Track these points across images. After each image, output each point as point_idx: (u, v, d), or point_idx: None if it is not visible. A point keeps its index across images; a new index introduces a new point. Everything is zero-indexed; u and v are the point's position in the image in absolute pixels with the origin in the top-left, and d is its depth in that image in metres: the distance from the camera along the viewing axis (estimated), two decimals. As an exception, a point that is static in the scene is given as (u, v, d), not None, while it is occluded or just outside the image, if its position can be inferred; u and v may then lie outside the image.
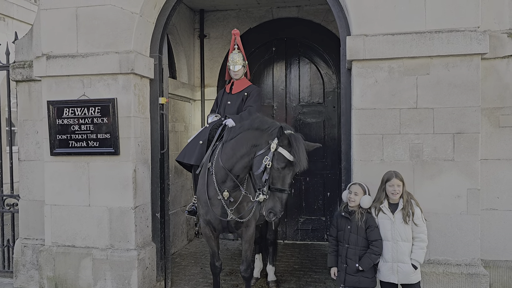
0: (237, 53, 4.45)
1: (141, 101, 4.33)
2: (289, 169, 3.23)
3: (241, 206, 3.72)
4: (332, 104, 6.37)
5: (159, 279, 4.54)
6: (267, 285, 4.66)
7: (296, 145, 3.18)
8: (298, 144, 3.19)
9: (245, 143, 3.50)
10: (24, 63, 4.69)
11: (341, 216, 3.42)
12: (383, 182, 3.34)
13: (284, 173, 3.22)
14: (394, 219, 3.25)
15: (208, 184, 3.77)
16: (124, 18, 4.17)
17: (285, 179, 3.23)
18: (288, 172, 3.23)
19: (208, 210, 3.76)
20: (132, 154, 4.19)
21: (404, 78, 3.66)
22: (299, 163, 3.18)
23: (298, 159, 3.17)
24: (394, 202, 3.29)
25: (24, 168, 4.74)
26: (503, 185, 3.79)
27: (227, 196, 3.66)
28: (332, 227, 3.52)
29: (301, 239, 6.48)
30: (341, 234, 3.40)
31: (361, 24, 3.73)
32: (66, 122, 4.28)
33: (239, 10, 6.66)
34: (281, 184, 3.21)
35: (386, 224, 3.27)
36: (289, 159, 3.19)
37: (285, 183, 3.23)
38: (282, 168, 3.21)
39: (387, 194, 3.31)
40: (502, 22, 3.76)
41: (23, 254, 4.73)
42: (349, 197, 3.38)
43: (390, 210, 3.28)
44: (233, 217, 3.67)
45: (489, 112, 3.78)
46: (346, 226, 3.36)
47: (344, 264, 3.35)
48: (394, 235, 3.23)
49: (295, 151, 3.18)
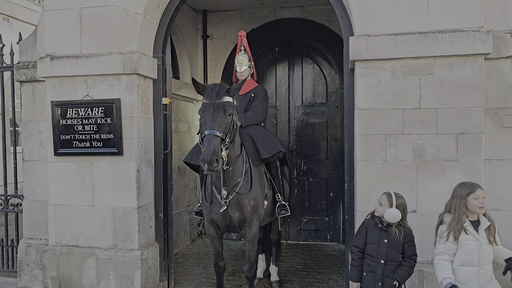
0: (243, 54, 4.47)
1: (144, 102, 4.35)
2: (208, 111, 3.33)
3: (242, 203, 3.71)
4: (335, 104, 6.37)
5: (162, 279, 4.55)
6: (270, 285, 4.67)
7: (208, 88, 3.42)
8: (210, 85, 3.44)
9: None
10: (28, 63, 4.71)
11: (374, 227, 3.06)
12: (462, 197, 2.84)
13: (205, 116, 3.34)
14: (480, 239, 2.79)
15: (206, 184, 3.81)
16: (127, 19, 4.18)
17: (207, 122, 3.31)
18: (208, 114, 3.33)
19: (210, 209, 3.77)
20: (135, 154, 4.21)
21: (407, 78, 3.66)
22: (210, 100, 3.33)
23: (208, 94, 3.36)
24: (474, 219, 2.84)
25: (28, 168, 4.76)
26: (507, 185, 3.77)
27: (226, 195, 3.66)
28: (359, 237, 3.13)
29: (304, 239, 6.48)
30: (374, 248, 3.03)
31: (364, 24, 3.73)
32: (69, 122, 4.30)
33: (242, 10, 6.67)
34: (204, 128, 3.31)
35: (472, 247, 2.78)
36: (204, 101, 3.38)
37: (207, 126, 3.28)
38: (202, 112, 3.37)
39: (469, 209, 2.82)
40: (505, 22, 3.74)
41: (27, 254, 4.75)
42: (375, 207, 3.11)
43: (474, 229, 2.81)
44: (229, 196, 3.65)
45: (493, 112, 3.76)
46: (382, 239, 3.01)
47: (379, 283, 2.98)
48: (482, 259, 2.78)
49: (206, 91, 3.40)
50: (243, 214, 3.73)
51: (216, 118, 3.30)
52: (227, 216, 3.70)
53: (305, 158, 6.46)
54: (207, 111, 3.34)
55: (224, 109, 3.34)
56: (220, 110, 3.33)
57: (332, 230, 6.40)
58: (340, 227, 6.29)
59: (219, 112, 3.33)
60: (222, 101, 3.36)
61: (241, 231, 3.86)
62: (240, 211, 3.71)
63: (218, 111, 3.32)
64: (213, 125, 3.26)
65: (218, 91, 3.37)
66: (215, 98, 3.34)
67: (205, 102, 3.37)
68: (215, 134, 3.23)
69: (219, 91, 3.37)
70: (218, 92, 3.36)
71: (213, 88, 3.39)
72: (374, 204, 3.68)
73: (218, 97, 3.35)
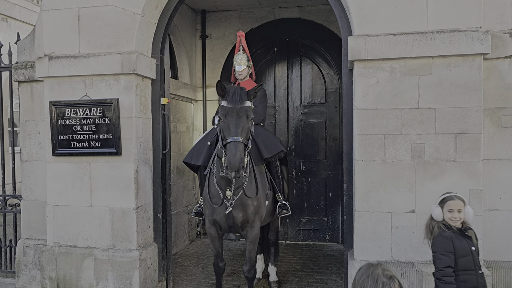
0: (242, 54, 4.47)
1: (143, 102, 4.34)
2: (231, 116, 3.29)
3: (246, 204, 3.71)
4: (334, 104, 6.37)
5: (161, 280, 4.55)
6: (269, 286, 4.67)
7: (229, 90, 3.35)
8: (232, 89, 3.36)
9: None
10: (26, 63, 4.70)
11: (459, 238, 2.76)
12: None
13: (227, 121, 3.29)
14: None
15: (209, 184, 3.79)
16: (126, 19, 4.18)
17: (230, 128, 3.27)
18: (231, 119, 3.29)
19: (213, 210, 3.76)
20: (134, 155, 4.20)
21: (406, 78, 3.65)
22: (232, 104, 3.28)
23: (231, 99, 3.30)
24: None
25: (26, 169, 4.75)
26: (505, 185, 3.77)
27: (230, 195, 3.65)
28: (447, 256, 2.72)
29: (303, 239, 6.48)
30: (467, 260, 2.73)
31: (362, 24, 3.73)
32: (68, 122, 4.29)
33: (241, 10, 6.67)
34: (228, 134, 3.26)
35: None
36: (226, 105, 3.32)
37: (231, 131, 3.25)
38: (224, 117, 3.31)
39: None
40: (504, 22, 3.75)
41: (25, 254, 4.74)
42: (452, 217, 2.79)
43: None
44: (232, 203, 3.64)
45: (491, 112, 3.77)
46: (470, 248, 2.74)
47: None
48: None
49: (228, 95, 3.34)
50: (246, 215, 3.73)
51: (239, 123, 3.27)
52: (231, 217, 3.70)
53: (304, 158, 6.46)
54: (230, 116, 3.29)
55: (246, 114, 3.33)
56: (243, 115, 3.31)
57: (331, 230, 6.40)
58: (339, 227, 6.29)
59: (242, 117, 3.30)
60: (245, 106, 3.33)
61: (242, 231, 3.85)
62: (243, 212, 3.71)
63: (241, 117, 3.30)
64: (237, 131, 3.24)
65: (240, 96, 3.33)
66: (239, 103, 3.30)
67: (228, 106, 3.31)
68: (240, 141, 3.21)
69: (241, 96, 3.34)
70: (240, 96, 3.33)
71: (234, 92, 3.35)
72: (373, 204, 3.71)
73: (241, 101, 3.31)
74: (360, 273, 1.99)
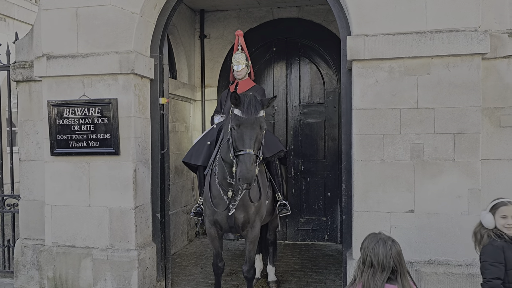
0: (240, 53, 4.46)
1: (141, 101, 4.33)
2: (245, 126, 3.22)
3: (247, 204, 3.71)
4: (332, 104, 6.36)
5: (159, 280, 4.54)
6: (268, 286, 4.66)
7: (243, 100, 3.27)
8: (246, 99, 3.27)
9: (225, 129, 3.57)
10: (24, 63, 4.68)
11: (511, 248, 2.59)
12: None
13: (240, 131, 3.23)
14: None
15: (211, 184, 3.78)
16: (124, 18, 4.17)
17: (244, 139, 3.21)
18: (244, 130, 3.22)
19: (214, 211, 3.75)
20: (132, 154, 4.19)
21: (404, 78, 3.65)
22: (248, 115, 3.21)
23: (246, 110, 3.22)
24: None
25: (25, 168, 4.74)
26: (504, 185, 3.77)
27: (232, 196, 3.65)
28: (497, 267, 2.56)
29: (301, 239, 6.47)
30: None
31: (361, 24, 3.72)
32: (66, 122, 4.28)
33: (240, 10, 6.66)
34: (242, 145, 3.21)
35: None
36: (240, 115, 3.24)
37: (245, 143, 3.19)
38: (237, 126, 3.24)
39: None
40: (502, 22, 3.74)
41: (23, 254, 4.73)
42: (505, 224, 2.63)
43: None
44: (235, 204, 3.64)
45: (490, 112, 3.77)
46: None
47: None
48: None
49: (243, 105, 3.25)
50: (247, 216, 3.74)
51: (253, 135, 3.22)
52: (232, 217, 3.70)
53: (302, 158, 6.46)
54: (244, 127, 3.23)
55: (260, 125, 3.27)
56: (257, 127, 3.25)
57: (329, 230, 6.40)
58: (338, 227, 6.28)
59: (255, 128, 3.25)
60: (259, 117, 3.28)
61: (243, 232, 3.85)
62: (245, 212, 3.72)
63: (255, 128, 3.24)
64: (251, 144, 3.19)
65: (255, 106, 3.26)
66: (254, 114, 3.24)
67: (242, 117, 3.23)
68: (253, 154, 3.18)
69: (256, 106, 3.27)
70: (255, 106, 3.26)
71: (249, 102, 3.27)
72: (372, 204, 3.71)
73: (256, 112, 3.25)
74: (368, 241, 2.33)
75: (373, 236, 2.37)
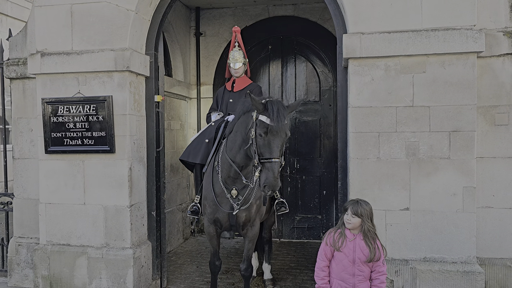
0: (238, 51, 4.44)
1: (136, 99, 4.31)
2: (272, 134, 3.16)
3: (250, 204, 3.72)
4: (328, 102, 6.37)
5: (155, 278, 4.53)
6: (263, 284, 4.66)
7: (271, 108, 3.18)
8: (274, 105, 3.19)
9: (239, 130, 3.49)
10: (18, 60, 4.65)
11: None
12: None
13: (268, 139, 3.15)
14: None
15: (214, 182, 3.76)
16: (119, 15, 4.14)
17: (271, 147, 3.14)
18: (272, 137, 3.15)
19: (216, 209, 3.74)
20: (127, 152, 4.17)
21: (400, 76, 3.66)
22: (278, 124, 3.13)
23: (276, 119, 3.13)
24: None
25: (19, 166, 4.70)
26: (499, 183, 3.80)
27: (236, 195, 3.65)
28: None
29: (297, 237, 6.48)
30: None
31: (357, 22, 3.72)
32: (61, 120, 4.25)
33: (235, 8, 6.64)
34: (269, 153, 3.14)
35: None
36: (268, 123, 3.15)
37: (272, 150, 3.13)
38: (265, 134, 3.15)
39: None
40: (497, 21, 3.77)
41: (17, 253, 4.70)
42: None
43: None
44: (240, 207, 3.65)
45: (485, 110, 3.79)
46: None
47: None
48: None
49: (272, 113, 3.16)
50: (249, 214, 3.74)
51: (279, 143, 3.17)
52: (234, 216, 3.70)
53: (298, 156, 6.46)
54: (271, 134, 3.15)
55: (286, 133, 3.21)
56: (283, 134, 3.19)
57: (325, 228, 6.41)
58: (333, 225, 6.29)
59: (282, 136, 3.19)
60: (285, 124, 3.22)
61: (243, 230, 3.85)
62: (247, 211, 3.72)
63: (282, 135, 3.19)
64: (277, 152, 3.14)
65: (283, 114, 3.19)
66: (282, 121, 3.17)
67: (270, 124, 3.15)
68: (279, 162, 3.14)
69: (284, 114, 3.20)
70: (283, 114, 3.19)
71: (278, 109, 3.18)
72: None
73: (283, 119, 3.18)
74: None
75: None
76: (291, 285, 4.69)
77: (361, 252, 2.85)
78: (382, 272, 2.90)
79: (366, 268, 2.88)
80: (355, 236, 2.89)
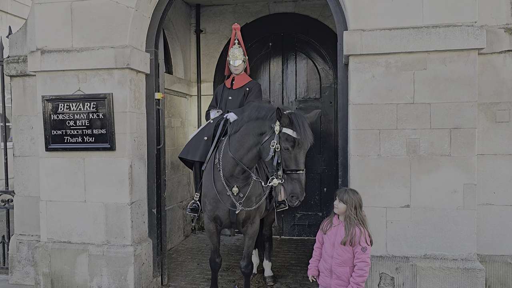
0: (238, 48, 4.43)
1: (137, 96, 4.31)
2: (298, 147, 3.20)
3: (249, 201, 3.74)
4: (328, 99, 6.36)
5: (155, 275, 4.53)
6: (264, 281, 4.67)
7: (297, 121, 3.20)
8: (299, 119, 3.21)
9: (250, 133, 3.48)
10: (18, 57, 4.64)
11: None
12: None
13: (294, 152, 3.19)
14: None
15: (215, 180, 3.76)
16: (119, 13, 4.13)
17: (297, 159, 3.19)
18: (298, 150, 3.20)
19: (216, 206, 3.75)
20: (128, 150, 4.17)
21: (401, 73, 3.65)
22: (305, 138, 3.17)
23: (303, 133, 3.16)
24: None
25: (19, 164, 4.71)
26: (499, 180, 3.79)
27: (237, 192, 3.66)
28: None
29: (298, 234, 6.49)
30: None
31: (358, 19, 3.71)
32: (61, 117, 4.24)
33: (236, 5, 6.63)
34: (295, 165, 3.18)
35: None
36: (294, 137, 3.17)
37: (298, 162, 3.19)
38: (292, 147, 3.18)
39: None
40: (499, 17, 3.75)
41: (18, 250, 4.70)
42: None
43: None
44: (242, 208, 3.67)
45: (486, 107, 3.78)
46: None
47: None
48: None
49: (298, 126, 3.18)
50: (249, 212, 3.75)
51: (304, 155, 3.24)
52: (234, 213, 3.70)
53: (298, 154, 6.44)
54: (297, 148, 3.19)
55: (310, 144, 3.26)
56: (308, 145, 3.24)
57: None
58: (334, 222, 6.29)
59: (306, 147, 3.24)
60: (311, 136, 3.25)
61: (243, 228, 3.86)
62: (246, 207, 3.73)
63: (306, 147, 3.24)
64: (303, 163, 3.21)
65: (308, 127, 3.23)
66: (308, 135, 3.20)
67: (297, 138, 3.17)
68: (304, 172, 3.21)
69: (308, 126, 3.24)
70: (308, 127, 3.22)
71: (303, 123, 3.21)
72: (368, 199, 3.71)
73: (309, 132, 3.22)
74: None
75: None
76: (292, 282, 4.69)
77: (340, 237, 3.06)
78: (360, 259, 3.01)
79: (345, 253, 3.04)
80: (340, 222, 3.13)
